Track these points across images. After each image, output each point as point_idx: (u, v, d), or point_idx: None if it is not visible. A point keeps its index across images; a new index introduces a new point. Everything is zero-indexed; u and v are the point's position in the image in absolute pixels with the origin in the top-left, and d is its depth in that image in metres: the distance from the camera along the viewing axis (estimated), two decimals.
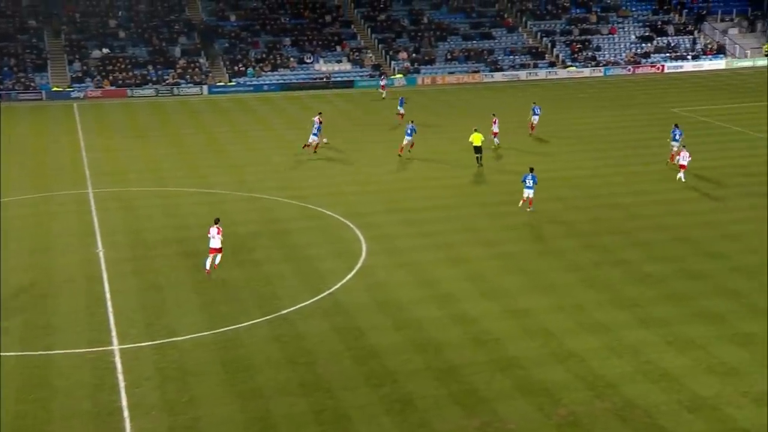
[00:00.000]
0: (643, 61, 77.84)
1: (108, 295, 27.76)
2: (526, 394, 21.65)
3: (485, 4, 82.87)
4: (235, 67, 71.24)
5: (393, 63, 74.40)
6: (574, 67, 75.62)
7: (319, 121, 47.93)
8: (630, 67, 76.28)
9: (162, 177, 42.56)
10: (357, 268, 30.17)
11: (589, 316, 26.03)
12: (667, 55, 78.85)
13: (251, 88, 68.87)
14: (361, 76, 72.12)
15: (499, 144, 47.23)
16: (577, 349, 23.89)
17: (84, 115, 59.15)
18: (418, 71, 73.73)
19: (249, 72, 70.92)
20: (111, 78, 68.50)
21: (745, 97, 62.63)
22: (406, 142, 45.62)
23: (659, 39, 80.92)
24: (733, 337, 24.48)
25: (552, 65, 76.27)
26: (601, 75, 74.81)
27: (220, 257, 29.35)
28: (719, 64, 78.05)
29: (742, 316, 25.86)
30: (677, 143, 42.92)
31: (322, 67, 73.30)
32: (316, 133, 46.23)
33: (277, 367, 23.22)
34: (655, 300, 27.10)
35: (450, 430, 20.26)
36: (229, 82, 69.86)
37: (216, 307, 27.00)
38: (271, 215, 36.25)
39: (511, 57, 76.69)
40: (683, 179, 39.91)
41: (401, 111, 55.08)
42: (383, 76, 69.33)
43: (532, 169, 36.40)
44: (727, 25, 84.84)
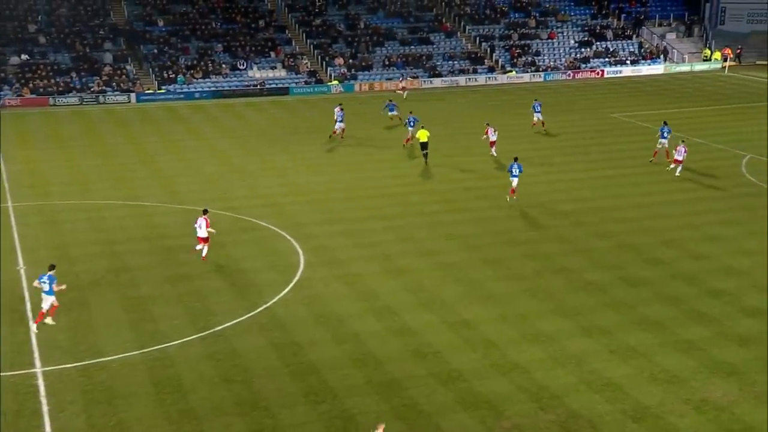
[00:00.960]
0: (583, 66, 79.45)
1: (30, 314, 27.11)
2: (468, 408, 21.84)
3: (423, 8, 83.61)
4: (165, 74, 70.41)
5: (329, 69, 74.46)
6: (513, 72, 76.77)
7: (341, 110, 52.19)
8: (570, 72, 77.75)
9: (87, 189, 41.80)
10: (294, 280, 30.07)
11: (532, 326, 26.40)
12: (607, 59, 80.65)
13: (182, 96, 68.13)
14: (296, 83, 72.00)
15: (496, 156, 46.41)
16: (520, 360, 24.20)
17: (2, 125, 57.72)
18: (355, 77, 73.94)
19: (179, 79, 70.17)
20: (31, 86, 66.99)
21: (684, 102, 64.38)
22: (410, 133, 49.43)
23: (598, 44, 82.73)
24: (675, 344, 25.10)
25: (491, 70, 77.29)
26: (541, 80, 76.09)
27: (206, 248, 31.55)
28: (658, 68, 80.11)
29: (682, 322, 26.54)
30: (665, 140, 45.24)
31: (256, 73, 72.96)
32: (341, 120, 51.17)
33: (212, 385, 22.97)
34: (598, 308, 27.64)
35: None
36: (159, 89, 68.99)
37: (146, 324, 26.60)
38: None
39: (450, 62, 77.49)
40: (678, 173, 42.58)
41: (394, 114, 55.75)
42: (402, 77, 71.94)
43: (516, 158, 38.92)
44: (665, 29, 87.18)
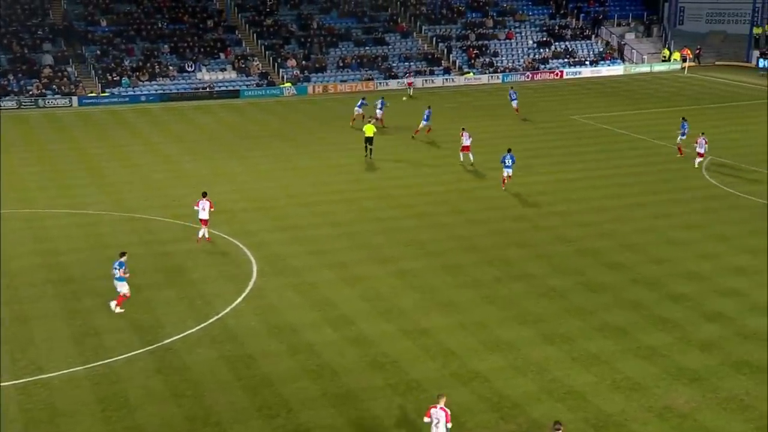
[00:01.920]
0: (542, 66, 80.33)
1: None
2: None
3: (377, 8, 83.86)
4: (108, 77, 69.60)
5: (281, 71, 74.29)
6: (471, 74, 77.33)
7: (429, 108, 54.55)
8: (528, 73, 78.54)
9: (28, 198, 41.14)
10: (247, 290, 29.92)
11: (492, 333, 26.58)
12: (566, 60, 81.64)
13: (127, 99, 67.44)
14: (247, 86, 71.70)
15: (470, 160, 46.29)
16: (480, 369, 24.34)
17: None
18: (308, 79, 73.87)
19: (124, 82, 69.42)
20: None
21: (644, 104, 65.41)
22: (423, 126, 52.47)
23: (557, 44, 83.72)
24: (637, 350, 25.44)
25: (448, 71, 77.78)
26: (500, 81, 76.74)
27: (204, 230, 34.00)
28: (617, 69, 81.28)
29: (644, 328, 26.92)
30: (685, 137, 47.77)
31: (205, 75, 72.50)
32: (426, 119, 52.86)
33: (161, 401, 22.73)
34: (559, 315, 27.92)
35: None
36: (102, 92, 68.18)
37: (90, 338, 26.24)
38: (151, 236, 35.55)
39: (406, 63, 77.81)
40: (696, 165, 45.13)
41: (379, 114, 55.84)
42: (409, 74, 73.71)
43: (510, 149, 41.46)
44: (623, 29, 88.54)
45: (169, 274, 31.42)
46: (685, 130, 48.26)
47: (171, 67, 72.35)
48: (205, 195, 34.15)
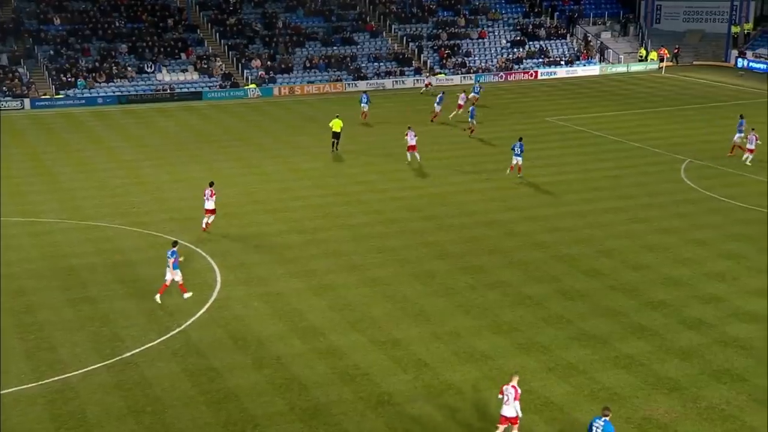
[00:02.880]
0: (516, 67, 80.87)
1: None
2: None
3: (345, 6, 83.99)
4: (63, 78, 69.02)
5: (245, 72, 74.13)
6: (443, 74, 77.63)
7: (464, 95, 59.61)
8: (502, 73, 79.02)
9: None
10: (210, 301, 29.80)
11: (466, 343, 26.68)
12: (540, 60, 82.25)
13: (83, 102, 66.91)
14: (209, 87, 71.44)
15: (417, 159, 47.18)
16: (453, 381, 24.43)
17: None
18: (274, 80, 73.76)
19: (79, 83, 68.89)
20: None
21: (621, 105, 66.05)
22: (438, 110, 57.80)
23: (531, 43, 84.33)
24: (615, 360, 25.67)
25: (419, 72, 78.03)
26: (472, 82, 76.91)
27: (213, 218, 36.34)
28: (593, 70, 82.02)
29: (622, 336, 27.16)
30: (742, 135, 48.76)
31: (165, 77, 72.14)
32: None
33: (119, 418, 22.57)
34: (535, 324, 28.10)
35: None
36: (56, 94, 67.60)
37: (44, 353, 25.98)
38: (109, 245, 35.29)
39: (376, 64, 77.98)
40: (748, 162, 46.65)
41: (364, 109, 58.74)
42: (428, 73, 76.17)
43: (521, 138, 44.63)
44: (599, 28, 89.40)
45: (128, 284, 31.21)
46: (743, 128, 49.05)
47: (129, 68, 71.89)
48: (211, 185, 36.60)
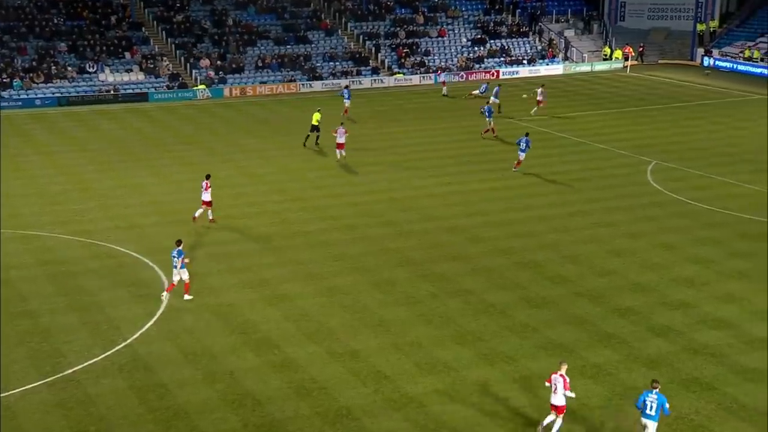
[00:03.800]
0: (477, 66, 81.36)
1: None
2: None
3: (299, 3, 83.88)
4: None
5: (194, 72, 73.67)
6: (401, 74, 77.86)
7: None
8: (463, 73, 79.44)
9: None
10: (159, 313, 29.55)
11: (428, 354, 26.74)
12: (502, 59, 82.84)
13: (19, 103, 65.98)
14: (156, 88, 70.87)
15: (344, 156, 48.77)
16: (415, 393, 24.46)
17: None
18: (224, 81, 73.39)
19: (15, 84, 67.92)
20: None
21: (585, 105, 66.73)
22: (493, 102, 59.96)
23: (492, 42, 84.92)
24: (582, 369, 25.89)
25: (377, 72, 78.18)
26: (432, 82, 77.42)
27: (210, 211, 38.34)
28: (557, 69, 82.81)
29: (589, 345, 27.41)
30: None
31: (109, 77, 71.44)
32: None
33: None
34: (499, 333, 28.25)
35: None
36: None
37: None
38: (50, 256, 34.84)
39: (331, 63, 77.97)
40: None
41: (347, 105, 60.59)
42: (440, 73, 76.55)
43: (527, 133, 47.11)
44: (562, 26, 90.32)
45: (70, 297, 30.82)
46: None
47: (70, 68, 71.05)
48: (208, 177, 38.35)
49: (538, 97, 62.08)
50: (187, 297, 30.57)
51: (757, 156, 50.25)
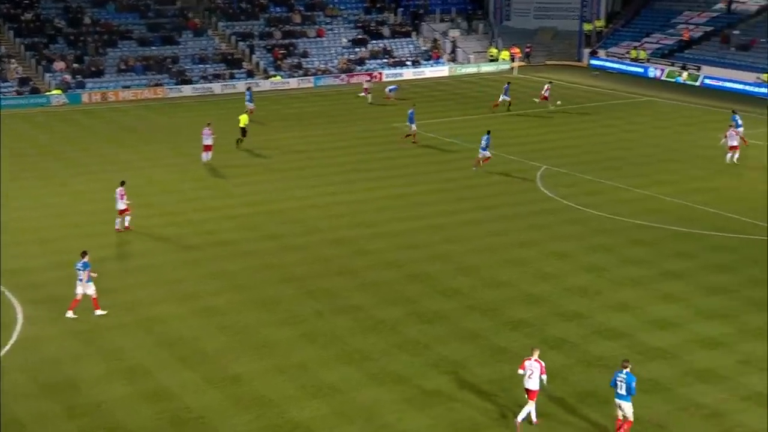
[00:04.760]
0: (358, 68, 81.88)
1: None
2: None
3: (164, 1, 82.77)
4: None
5: (47, 75, 71.73)
6: (278, 77, 77.67)
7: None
8: (343, 75, 79.82)
9: None
10: (11, 343, 28.65)
11: (314, 376, 26.73)
12: (384, 60, 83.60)
13: None
14: (3, 93, 68.70)
15: (209, 160, 49.44)
16: (301, 419, 24.41)
17: None
18: (82, 85, 71.75)
19: None
20: None
21: (473, 108, 67.84)
22: (501, 100, 65.80)
23: (374, 42, 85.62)
24: (476, 387, 26.28)
25: (251, 75, 77.77)
26: (312, 85, 77.52)
27: (129, 217, 38.94)
28: (442, 70, 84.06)
29: (482, 361, 27.85)
30: (742, 129, 51.97)
31: None
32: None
33: None
34: (389, 351, 28.44)
35: None
36: None
37: None
38: None
39: (202, 66, 77.19)
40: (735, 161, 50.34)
41: (250, 107, 60.93)
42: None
43: (489, 132, 49.59)
44: (446, 26, 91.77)
45: None
46: (739, 123, 52.23)
47: None
48: (122, 184, 39.05)
49: (544, 93, 66.68)
50: (98, 312, 30.74)
51: (647, 160, 52.09)
